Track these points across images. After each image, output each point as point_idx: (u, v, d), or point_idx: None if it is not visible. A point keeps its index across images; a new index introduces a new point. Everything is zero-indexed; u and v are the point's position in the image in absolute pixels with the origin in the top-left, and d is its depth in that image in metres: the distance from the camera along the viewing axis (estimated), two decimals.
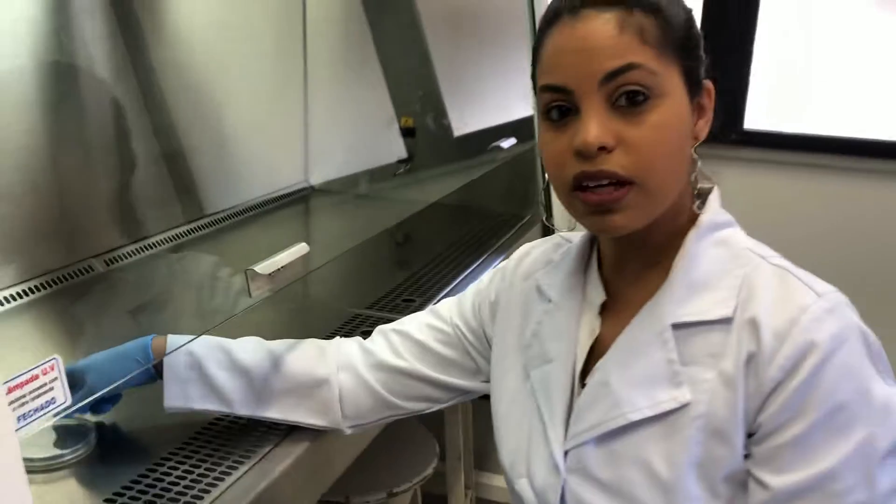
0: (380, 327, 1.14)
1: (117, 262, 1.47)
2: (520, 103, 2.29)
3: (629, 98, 0.80)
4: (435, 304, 1.14)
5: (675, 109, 0.82)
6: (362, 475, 1.60)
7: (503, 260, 1.84)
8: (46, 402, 0.60)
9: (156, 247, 1.57)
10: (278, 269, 0.88)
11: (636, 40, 0.80)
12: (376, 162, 2.27)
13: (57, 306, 1.32)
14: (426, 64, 2.29)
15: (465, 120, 2.34)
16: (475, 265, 1.83)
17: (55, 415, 0.64)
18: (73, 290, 1.36)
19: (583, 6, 0.81)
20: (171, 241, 1.62)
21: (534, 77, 0.88)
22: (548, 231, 2.25)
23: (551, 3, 0.86)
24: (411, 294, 1.62)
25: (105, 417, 1.10)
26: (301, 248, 0.94)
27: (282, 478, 1.02)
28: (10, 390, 0.57)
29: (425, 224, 2.19)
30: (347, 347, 1.12)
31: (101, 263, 1.44)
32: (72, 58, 1.44)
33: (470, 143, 2.31)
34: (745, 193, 2.14)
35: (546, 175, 0.94)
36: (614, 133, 0.80)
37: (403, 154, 2.24)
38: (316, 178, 2.13)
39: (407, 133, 2.23)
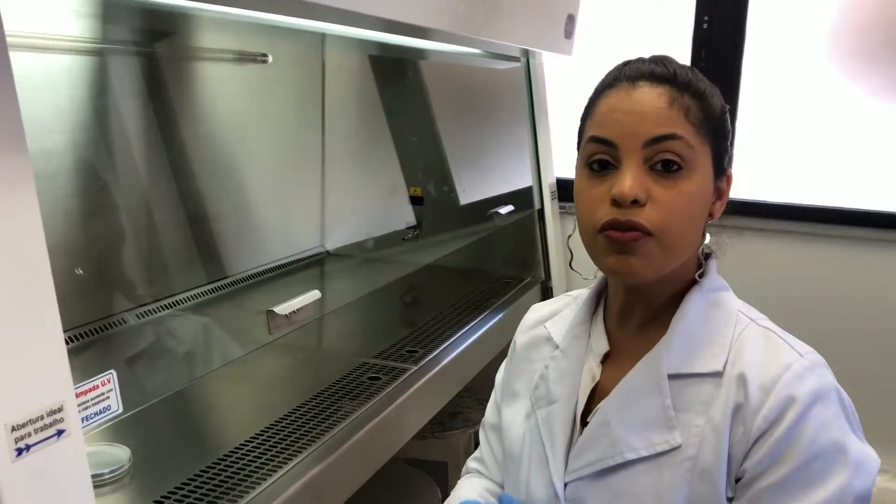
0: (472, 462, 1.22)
1: (148, 315, 1.57)
2: (519, 175, 2.41)
3: (665, 165, 0.89)
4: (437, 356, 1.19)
5: (700, 184, 0.92)
6: None
7: (502, 317, 1.95)
8: (104, 408, 0.73)
9: (181, 304, 1.66)
10: (294, 311, 1.01)
11: (681, 116, 0.90)
12: (387, 228, 2.36)
13: (96, 354, 1.38)
14: (435, 139, 2.39)
15: (470, 190, 2.43)
16: (476, 321, 1.93)
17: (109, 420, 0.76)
18: (109, 340, 1.44)
19: (640, 78, 0.92)
20: (195, 298, 1.70)
21: (581, 130, 0.98)
22: (546, 292, 2.35)
23: (611, 70, 0.97)
24: (414, 346, 1.71)
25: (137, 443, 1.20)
26: (314, 294, 1.07)
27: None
28: (77, 395, 0.70)
29: (431, 284, 2.29)
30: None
31: (133, 317, 1.54)
32: (110, 134, 1.55)
33: (474, 210, 2.41)
34: (729, 258, 2.24)
35: (545, 237, 1.02)
36: (647, 190, 0.88)
37: (413, 221, 2.35)
38: (331, 243, 2.23)
39: (415, 201, 2.34)
